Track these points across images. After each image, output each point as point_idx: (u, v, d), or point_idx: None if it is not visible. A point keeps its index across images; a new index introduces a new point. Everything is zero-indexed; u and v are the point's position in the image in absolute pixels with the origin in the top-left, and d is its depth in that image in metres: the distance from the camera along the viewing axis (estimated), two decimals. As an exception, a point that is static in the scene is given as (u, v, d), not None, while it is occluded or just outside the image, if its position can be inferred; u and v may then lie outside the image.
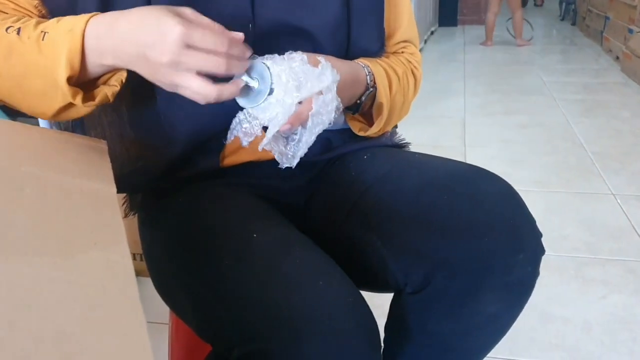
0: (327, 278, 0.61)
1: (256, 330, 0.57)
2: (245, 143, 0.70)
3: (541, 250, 0.72)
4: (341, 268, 0.65)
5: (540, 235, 0.72)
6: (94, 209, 0.50)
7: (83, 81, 0.67)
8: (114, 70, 0.67)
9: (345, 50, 0.84)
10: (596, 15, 5.85)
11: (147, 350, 0.34)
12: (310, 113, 0.67)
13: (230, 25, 0.70)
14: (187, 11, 0.63)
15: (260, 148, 0.69)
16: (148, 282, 0.80)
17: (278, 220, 0.74)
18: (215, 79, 0.63)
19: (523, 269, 0.70)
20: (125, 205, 0.89)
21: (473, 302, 0.71)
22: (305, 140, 0.70)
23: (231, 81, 0.65)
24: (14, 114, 0.77)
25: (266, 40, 0.77)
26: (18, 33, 0.65)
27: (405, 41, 0.93)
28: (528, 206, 0.74)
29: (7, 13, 0.72)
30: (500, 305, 0.72)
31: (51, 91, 0.65)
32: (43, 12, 0.72)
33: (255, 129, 0.69)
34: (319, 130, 0.70)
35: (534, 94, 4.00)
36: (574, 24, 7.14)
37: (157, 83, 0.65)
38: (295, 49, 0.71)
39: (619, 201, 2.26)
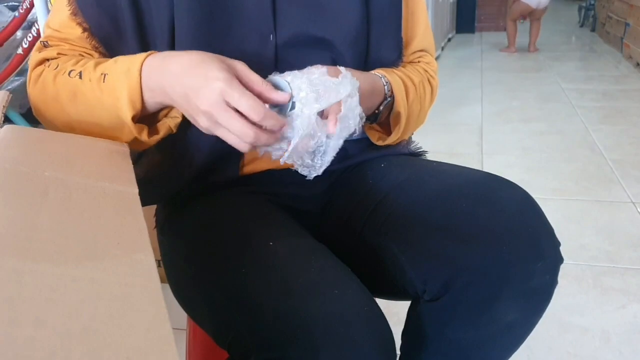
0: (343, 287, 0.61)
1: (273, 338, 0.57)
2: (274, 157, 0.71)
3: (560, 259, 0.72)
4: (358, 276, 0.65)
5: (559, 243, 0.72)
6: (116, 210, 0.51)
7: (145, 115, 0.72)
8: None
9: (365, 59, 0.84)
10: (616, 21, 5.80)
11: (171, 344, 0.34)
12: (338, 116, 0.68)
13: (251, 36, 0.71)
14: (239, 66, 0.65)
15: (282, 162, 0.70)
16: (165, 287, 0.81)
17: (295, 228, 0.74)
18: None
19: (541, 277, 0.70)
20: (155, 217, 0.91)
21: (491, 310, 0.71)
22: (333, 145, 0.71)
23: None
24: (35, 121, 0.79)
25: (287, 50, 0.78)
26: (80, 77, 0.70)
27: (421, 50, 0.94)
28: (546, 214, 0.73)
29: (65, 54, 0.77)
30: (519, 314, 0.72)
31: (118, 128, 0.70)
32: (94, 42, 0.76)
33: (280, 143, 0.69)
34: (345, 134, 0.70)
35: (552, 101, 3.97)
36: (593, 30, 7.08)
37: (195, 124, 0.68)
38: (316, 59, 0.72)
39: (638, 209, 2.24)
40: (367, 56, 0.85)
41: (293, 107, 0.66)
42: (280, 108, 0.67)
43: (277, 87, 0.68)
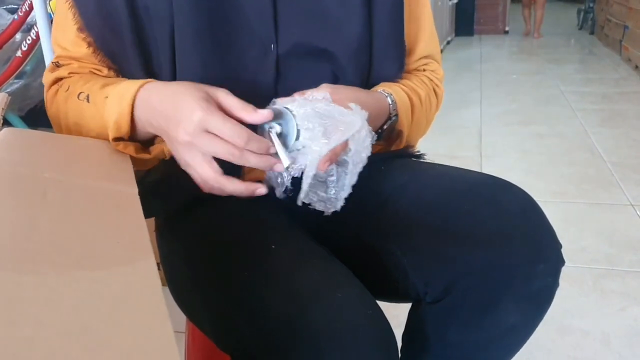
0: (346, 290, 0.61)
1: (276, 342, 0.57)
2: (278, 194, 0.70)
3: (561, 261, 0.71)
4: (359, 279, 0.65)
5: (560, 246, 0.72)
6: (116, 209, 0.51)
7: (142, 139, 0.74)
8: None
9: (367, 71, 0.84)
10: (615, 24, 5.81)
11: (172, 342, 0.34)
12: (350, 155, 0.67)
13: (252, 46, 0.74)
14: (220, 93, 0.65)
15: (299, 202, 0.70)
16: (165, 290, 0.80)
17: (296, 231, 0.74)
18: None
19: (543, 279, 0.70)
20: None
21: (493, 312, 0.70)
22: (349, 182, 0.70)
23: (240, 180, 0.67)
24: (34, 123, 0.80)
25: (288, 60, 0.78)
26: (88, 100, 0.73)
27: (426, 57, 0.93)
28: (546, 217, 0.73)
29: (77, 73, 0.79)
30: (520, 316, 0.72)
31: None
32: (100, 57, 0.78)
33: (285, 178, 0.68)
34: (360, 168, 0.69)
35: (551, 104, 3.97)
36: (592, 33, 7.10)
37: (175, 155, 0.69)
38: (317, 70, 0.71)
39: (638, 212, 2.24)
40: (370, 68, 0.84)
41: (298, 137, 0.64)
42: (284, 139, 0.65)
43: (278, 115, 0.66)
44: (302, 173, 0.66)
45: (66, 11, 0.77)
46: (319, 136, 0.64)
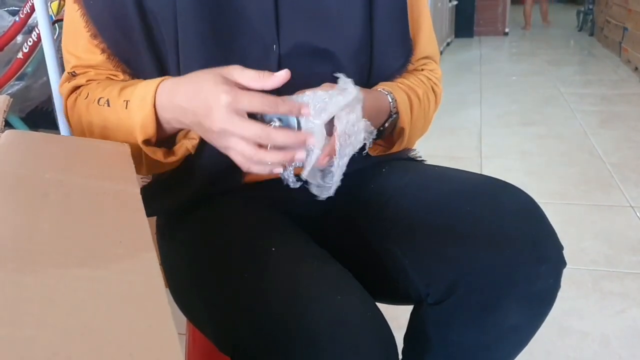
0: (346, 292, 0.61)
1: (275, 343, 0.57)
2: (292, 184, 0.70)
3: (563, 263, 0.72)
4: (359, 280, 0.65)
5: (562, 247, 0.72)
6: (117, 209, 0.51)
7: (164, 137, 0.75)
8: None
9: (368, 71, 0.85)
10: (614, 25, 5.81)
11: (174, 340, 0.34)
12: (335, 134, 0.67)
13: (254, 46, 0.75)
14: (234, 71, 0.65)
15: (303, 177, 0.70)
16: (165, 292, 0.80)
17: (296, 233, 0.74)
18: None
19: (545, 280, 0.70)
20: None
21: (495, 313, 0.71)
22: (337, 163, 0.70)
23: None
24: (35, 125, 0.80)
25: (290, 60, 0.78)
26: (108, 104, 0.74)
27: (425, 58, 0.93)
28: (546, 218, 0.73)
29: (94, 79, 0.80)
30: (522, 317, 0.72)
31: (138, 151, 0.72)
32: (115, 62, 0.79)
33: (290, 167, 0.69)
34: (349, 152, 0.69)
35: (551, 105, 3.97)
36: (591, 34, 7.09)
37: (212, 144, 0.68)
38: (318, 70, 0.71)
39: (637, 213, 2.24)
40: (370, 67, 0.85)
41: (299, 127, 0.66)
42: (286, 126, 0.66)
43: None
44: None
45: (77, 19, 0.77)
46: (319, 112, 0.65)
